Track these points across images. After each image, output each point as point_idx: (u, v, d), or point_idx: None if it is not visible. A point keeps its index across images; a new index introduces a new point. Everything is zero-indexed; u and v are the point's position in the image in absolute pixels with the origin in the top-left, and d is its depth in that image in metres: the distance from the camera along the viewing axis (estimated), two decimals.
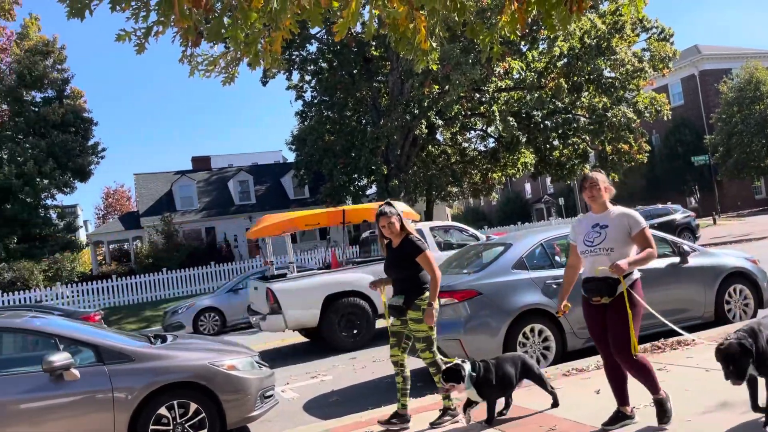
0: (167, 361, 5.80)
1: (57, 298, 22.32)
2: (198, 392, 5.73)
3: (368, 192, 34.79)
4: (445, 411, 5.25)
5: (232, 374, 5.92)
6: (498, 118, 26.81)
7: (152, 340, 6.52)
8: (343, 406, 6.91)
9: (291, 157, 40.67)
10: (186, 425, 5.62)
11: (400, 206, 5.76)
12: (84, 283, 24.06)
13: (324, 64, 29.75)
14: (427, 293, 5.14)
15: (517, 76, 27.60)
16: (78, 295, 23.13)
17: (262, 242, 27.43)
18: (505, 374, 5.01)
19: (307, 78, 31.03)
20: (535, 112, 28.55)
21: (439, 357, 5.24)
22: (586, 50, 26.58)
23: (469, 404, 5.05)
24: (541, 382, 5.20)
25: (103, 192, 61.77)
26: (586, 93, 28.45)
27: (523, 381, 5.25)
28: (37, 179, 23.63)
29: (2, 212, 23.55)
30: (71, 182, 25.19)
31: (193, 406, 5.67)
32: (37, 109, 24.98)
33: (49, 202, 26.22)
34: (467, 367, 4.96)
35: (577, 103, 28.51)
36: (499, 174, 34.39)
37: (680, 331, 4.97)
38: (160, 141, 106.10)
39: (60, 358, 5.30)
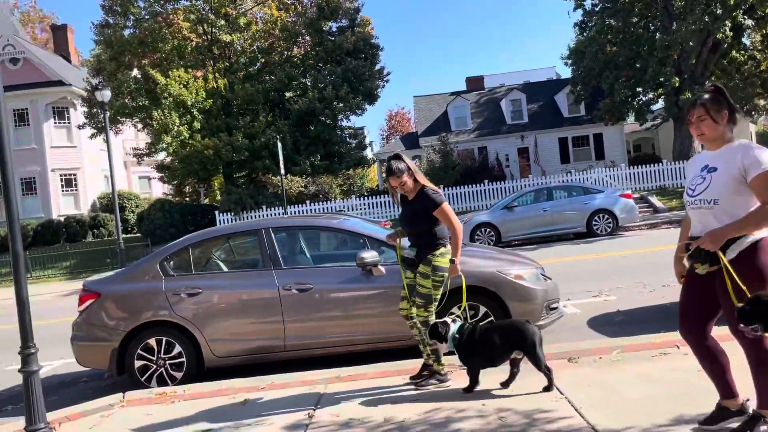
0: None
1: (349, 209, 25.21)
2: (486, 297, 6.04)
3: (654, 107, 31.71)
4: (432, 374, 4.94)
5: (519, 283, 6.09)
6: None
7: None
8: (629, 326, 6.68)
9: (565, 73, 38.86)
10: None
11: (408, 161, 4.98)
12: (371, 197, 26.71)
13: None
14: (442, 248, 4.81)
15: None
16: (366, 207, 25.81)
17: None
18: (489, 344, 4.53)
19: None
20: None
21: (432, 318, 4.83)
22: None
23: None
24: (533, 358, 4.45)
25: (386, 114, 66.89)
26: None
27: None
28: (334, 102, 26.46)
29: (308, 133, 27.05)
30: (362, 105, 27.65)
31: (482, 309, 6.01)
32: (333, 39, 27.63)
33: (344, 123, 29.30)
34: (454, 327, 4.59)
35: None
36: None
37: None
38: (437, 63, 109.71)
39: (370, 255, 5.99)
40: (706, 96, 3.31)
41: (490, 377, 4.91)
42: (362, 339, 6.14)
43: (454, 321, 4.76)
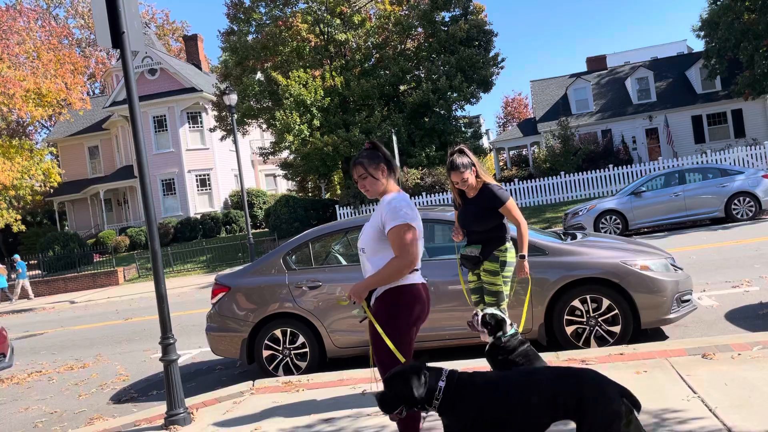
0: (578, 257, 5.94)
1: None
2: (610, 289, 5.77)
3: None
4: None
5: (646, 274, 5.76)
6: None
7: (562, 237, 6.75)
8: None
9: (697, 46, 36.08)
10: (599, 319, 5.75)
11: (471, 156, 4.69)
12: None
13: None
14: (507, 243, 4.66)
15: None
16: None
17: None
18: (511, 364, 4.13)
19: None
20: None
21: (506, 314, 4.51)
22: None
23: None
24: None
25: (502, 101, 65.65)
26: None
27: None
28: (448, 93, 26.28)
29: (423, 125, 27.11)
30: (476, 93, 27.25)
31: (605, 302, 5.75)
32: (446, 29, 27.42)
33: (458, 113, 29.06)
34: (507, 328, 4.20)
35: None
36: None
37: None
38: (555, 45, 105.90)
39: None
40: (363, 154, 3.50)
41: (612, 373, 4.69)
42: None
43: (511, 325, 4.46)
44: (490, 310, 4.53)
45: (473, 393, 2.83)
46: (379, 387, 5.23)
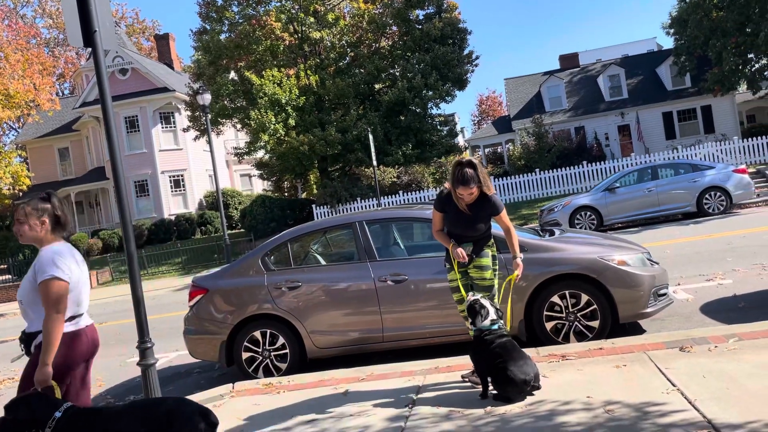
0: (557, 253, 5.98)
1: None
2: (588, 285, 5.82)
3: None
4: None
5: (623, 269, 5.83)
6: None
7: (540, 233, 6.80)
8: (748, 311, 6.23)
9: (667, 43, 36.69)
10: (578, 314, 5.80)
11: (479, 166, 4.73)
12: None
13: None
14: (491, 240, 4.89)
15: None
16: None
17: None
18: (491, 358, 4.40)
19: None
20: None
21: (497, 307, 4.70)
22: None
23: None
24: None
25: (477, 99, 66.04)
26: None
27: None
28: (424, 91, 26.30)
29: (399, 123, 27.09)
30: (451, 91, 27.30)
31: (584, 298, 5.80)
32: (420, 27, 27.40)
33: (434, 111, 29.07)
34: (487, 322, 4.45)
35: None
36: None
37: None
38: (529, 43, 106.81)
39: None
40: (32, 201, 3.51)
41: (592, 368, 4.73)
42: (458, 329, 6.08)
43: (500, 318, 4.57)
44: (482, 300, 4.55)
45: (84, 423, 3.27)
46: (363, 386, 5.22)
